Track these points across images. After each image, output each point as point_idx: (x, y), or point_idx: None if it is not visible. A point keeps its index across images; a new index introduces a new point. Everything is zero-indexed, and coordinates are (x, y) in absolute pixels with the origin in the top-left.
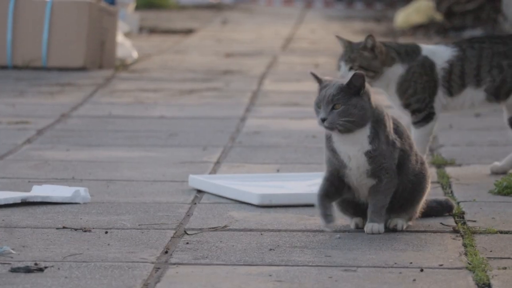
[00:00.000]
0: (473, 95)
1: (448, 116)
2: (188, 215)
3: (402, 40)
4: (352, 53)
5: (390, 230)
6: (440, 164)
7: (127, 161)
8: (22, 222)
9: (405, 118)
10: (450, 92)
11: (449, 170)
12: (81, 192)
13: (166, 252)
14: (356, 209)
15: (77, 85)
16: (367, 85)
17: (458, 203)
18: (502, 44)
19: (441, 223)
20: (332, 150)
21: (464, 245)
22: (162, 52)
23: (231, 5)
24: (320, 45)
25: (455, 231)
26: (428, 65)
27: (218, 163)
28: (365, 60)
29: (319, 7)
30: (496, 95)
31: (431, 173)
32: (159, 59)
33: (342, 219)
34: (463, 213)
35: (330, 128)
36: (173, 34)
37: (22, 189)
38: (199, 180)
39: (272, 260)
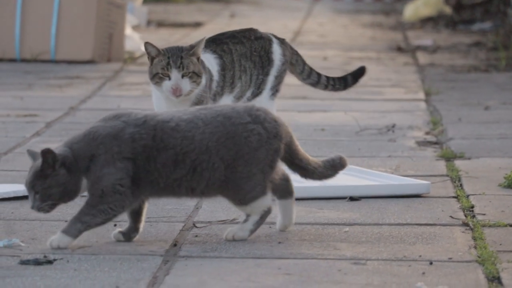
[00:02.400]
0: (224, 102)
1: (457, 109)
2: (197, 208)
3: (411, 34)
4: (182, 59)
5: (393, 223)
6: (449, 158)
7: None
8: (31, 214)
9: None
10: (214, 100)
11: (458, 163)
12: None
13: (175, 245)
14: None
15: (85, 78)
16: (62, 152)
17: (467, 196)
18: (240, 44)
19: (450, 216)
20: None
21: (474, 239)
22: (170, 45)
23: None
24: (328, 38)
25: (464, 224)
26: (209, 77)
27: None
28: (196, 66)
29: (327, 0)
30: (239, 99)
31: (441, 166)
32: None
33: (351, 212)
34: (473, 206)
35: (40, 212)
36: (181, 27)
37: None
38: None
39: (281, 253)
